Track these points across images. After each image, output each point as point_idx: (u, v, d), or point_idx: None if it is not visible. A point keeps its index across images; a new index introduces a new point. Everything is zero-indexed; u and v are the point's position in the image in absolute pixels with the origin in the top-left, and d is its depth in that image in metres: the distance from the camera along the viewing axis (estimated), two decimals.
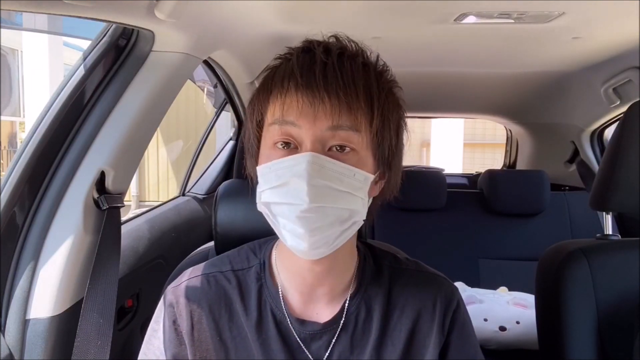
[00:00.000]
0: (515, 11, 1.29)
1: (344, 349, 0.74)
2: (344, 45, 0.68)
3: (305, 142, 0.64)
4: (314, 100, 0.63)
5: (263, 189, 0.67)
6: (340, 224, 0.66)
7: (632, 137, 1.08)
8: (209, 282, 0.77)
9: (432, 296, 0.77)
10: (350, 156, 0.65)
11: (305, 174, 0.62)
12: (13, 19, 1.96)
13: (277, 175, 0.64)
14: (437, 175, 2.35)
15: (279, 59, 0.70)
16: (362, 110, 0.65)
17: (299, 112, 0.63)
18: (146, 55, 1.12)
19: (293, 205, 0.63)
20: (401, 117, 0.72)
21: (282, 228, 0.66)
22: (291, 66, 0.66)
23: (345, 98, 0.63)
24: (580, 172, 2.42)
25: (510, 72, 2.11)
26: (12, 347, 0.96)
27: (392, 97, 0.70)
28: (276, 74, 0.68)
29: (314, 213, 0.63)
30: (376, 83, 0.67)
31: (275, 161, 0.65)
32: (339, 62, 0.65)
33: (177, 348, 0.75)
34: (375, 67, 0.69)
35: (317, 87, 0.63)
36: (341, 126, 0.64)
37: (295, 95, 0.64)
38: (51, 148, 1.03)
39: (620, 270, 1.09)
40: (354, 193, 0.65)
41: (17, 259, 0.99)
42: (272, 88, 0.67)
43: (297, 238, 0.65)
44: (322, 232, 0.65)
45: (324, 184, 0.63)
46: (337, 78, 0.63)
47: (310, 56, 0.66)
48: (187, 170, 2.21)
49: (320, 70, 0.64)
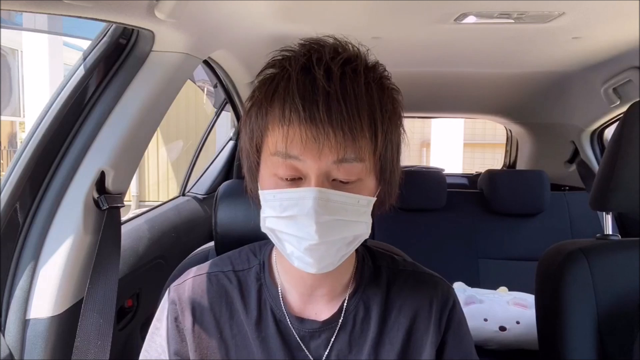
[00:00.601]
0: (515, 11, 1.29)
1: (343, 348, 0.74)
2: (342, 56, 0.65)
3: (310, 176, 0.63)
4: (318, 136, 0.61)
5: (268, 215, 0.68)
6: (345, 247, 0.68)
7: (632, 137, 1.08)
8: (210, 281, 0.78)
9: (429, 296, 0.78)
10: (354, 185, 0.66)
11: (312, 212, 0.62)
12: (13, 19, 1.96)
13: (283, 207, 0.65)
14: (437, 175, 2.35)
15: (273, 67, 0.68)
16: (366, 139, 0.64)
17: (303, 147, 0.62)
18: (146, 55, 1.12)
19: (302, 239, 0.64)
20: (401, 132, 0.71)
21: (289, 253, 0.68)
22: (291, 93, 0.63)
23: (350, 131, 0.62)
24: (580, 172, 2.42)
25: (510, 72, 2.11)
26: (12, 347, 0.96)
27: (394, 114, 0.68)
28: (275, 97, 0.65)
29: (323, 246, 0.65)
30: (379, 104, 0.65)
31: (280, 190, 0.65)
32: (341, 88, 0.62)
33: (179, 345, 0.76)
34: (376, 80, 0.67)
35: (322, 122, 0.61)
36: (346, 159, 0.63)
37: (299, 129, 0.62)
38: (51, 148, 1.03)
39: (620, 270, 1.09)
40: (359, 220, 0.67)
41: (17, 259, 0.99)
42: (270, 112, 0.65)
43: (306, 265, 0.67)
44: (330, 258, 0.67)
45: (330, 219, 0.64)
46: (341, 110, 0.61)
47: (311, 80, 0.63)
48: (187, 170, 2.21)
49: (324, 101, 0.61)
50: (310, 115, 0.61)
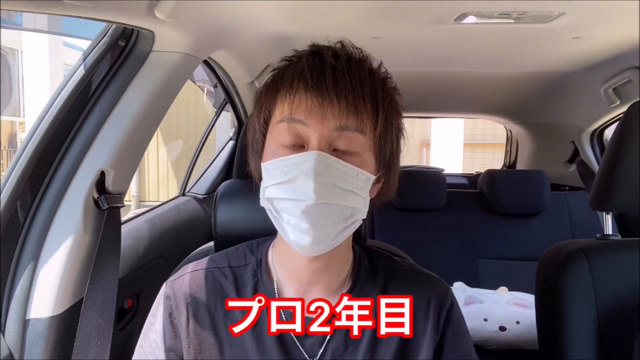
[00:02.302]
0: (515, 11, 1.29)
1: (338, 347, 0.74)
2: (350, 52, 0.71)
3: (312, 141, 0.66)
4: (323, 101, 0.65)
5: (268, 184, 0.69)
6: (343, 221, 0.68)
7: (632, 137, 1.08)
8: (206, 277, 0.78)
9: (427, 296, 0.78)
10: (353, 157, 0.67)
11: (312, 171, 0.64)
12: (13, 19, 1.96)
13: (283, 172, 0.66)
14: (437, 175, 2.36)
15: (286, 60, 0.73)
16: (367, 113, 0.68)
17: (308, 111, 0.66)
18: (146, 55, 1.12)
19: (299, 201, 0.65)
20: (401, 124, 0.75)
21: (285, 223, 0.68)
22: (301, 68, 0.68)
23: (353, 100, 0.66)
24: (580, 172, 2.42)
25: (510, 72, 2.11)
26: (12, 347, 0.96)
27: (395, 104, 0.73)
28: (285, 75, 0.70)
29: (319, 209, 0.65)
30: (381, 89, 0.70)
31: (281, 158, 0.67)
32: (347, 67, 0.68)
33: (173, 340, 0.76)
34: (379, 74, 0.72)
35: (327, 89, 0.65)
36: (348, 127, 0.66)
37: (305, 95, 0.66)
38: (51, 148, 1.03)
39: (620, 270, 1.09)
40: (357, 192, 0.68)
41: (17, 259, 0.99)
42: (281, 87, 0.70)
43: (301, 233, 0.67)
44: (326, 227, 0.67)
45: (329, 182, 0.65)
46: (345, 81, 0.66)
47: (320, 59, 0.69)
48: (187, 170, 2.21)
49: (330, 73, 0.66)
50: (317, 83, 0.66)
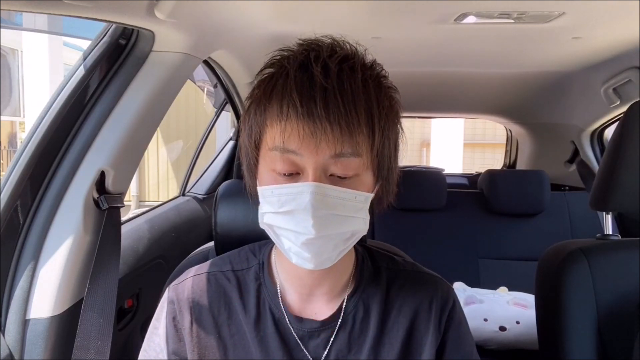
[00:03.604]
0: (515, 11, 1.29)
1: (342, 348, 0.74)
2: (340, 57, 0.66)
3: (308, 170, 0.64)
4: (315, 130, 0.62)
5: (266, 211, 0.68)
6: (343, 243, 0.68)
7: (632, 137, 1.08)
8: (209, 281, 0.78)
9: (429, 296, 0.78)
10: (351, 181, 0.66)
11: (309, 206, 0.62)
12: (13, 19, 1.96)
13: (280, 202, 0.65)
14: (437, 175, 2.35)
15: (271, 67, 0.69)
16: (363, 134, 0.64)
17: (301, 141, 0.63)
18: (146, 55, 1.12)
19: (299, 233, 0.64)
20: (399, 130, 0.72)
21: (287, 249, 0.68)
22: (289, 89, 0.63)
23: (347, 126, 0.62)
24: (580, 172, 2.42)
25: (510, 72, 2.11)
26: (12, 347, 0.96)
27: (391, 111, 0.69)
28: (273, 93, 0.65)
29: (320, 240, 0.65)
30: (376, 101, 0.66)
31: (278, 186, 0.65)
32: (338, 84, 0.63)
33: (177, 344, 0.76)
34: (373, 77, 0.68)
35: (319, 116, 0.62)
36: (343, 154, 0.63)
37: (296, 124, 0.62)
38: (51, 148, 1.03)
39: (620, 270, 1.09)
40: (356, 215, 0.67)
41: (17, 259, 0.99)
42: (268, 108, 0.66)
43: (303, 260, 0.67)
44: (327, 253, 0.67)
45: (328, 213, 0.64)
46: (338, 106, 0.62)
47: (308, 76, 0.63)
48: (187, 171, 2.21)
49: (321, 97, 0.62)
50: (307, 110, 0.62)
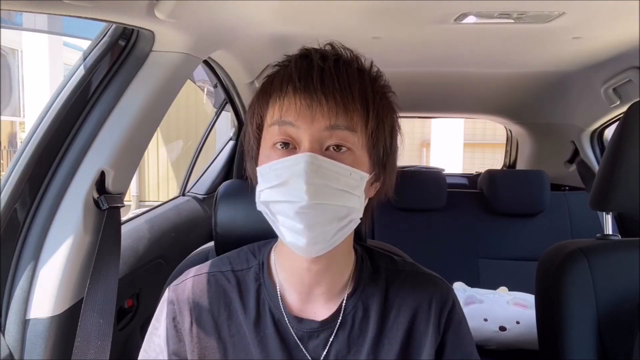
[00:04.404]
0: (515, 11, 1.29)
1: (341, 348, 0.74)
2: (339, 53, 0.72)
3: (304, 142, 0.66)
4: (311, 102, 0.66)
5: (262, 188, 0.69)
6: (338, 221, 0.68)
7: (632, 137, 1.08)
8: (209, 281, 0.78)
9: (428, 296, 0.78)
10: (346, 156, 0.67)
11: (303, 173, 0.64)
12: (13, 19, 1.96)
13: (277, 175, 0.66)
14: (437, 175, 2.35)
15: (278, 66, 0.73)
16: (357, 111, 0.67)
17: (297, 113, 0.66)
18: (146, 55, 1.12)
19: (292, 202, 0.65)
20: (395, 120, 0.75)
21: (281, 225, 0.68)
22: (289, 71, 0.69)
23: (342, 100, 0.66)
24: (580, 172, 2.42)
25: (510, 72, 2.11)
26: (12, 347, 0.96)
27: (387, 101, 0.73)
28: (275, 79, 0.71)
29: (313, 209, 0.65)
30: (371, 87, 0.70)
31: (274, 161, 0.67)
32: (335, 68, 0.68)
33: (177, 345, 0.76)
34: (369, 73, 0.72)
35: (315, 90, 0.66)
36: (338, 126, 0.66)
37: (294, 98, 0.67)
38: (51, 148, 1.03)
39: (620, 270, 1.09)
40: (351, 191, 0.67)
41: (17, 259, 0.99)
42: (271, 92, 0.70)
43: (296, 234, 0.66)
44: (321, 227, 0.66)
45: (322, 183, 0.65)
46: (333, 82, 0.66)
47: (308, 62, 0.69)
48: (187, 170, 2.21)
49: (318, 74, 0.67)
50: (305, 85, 0.66)
